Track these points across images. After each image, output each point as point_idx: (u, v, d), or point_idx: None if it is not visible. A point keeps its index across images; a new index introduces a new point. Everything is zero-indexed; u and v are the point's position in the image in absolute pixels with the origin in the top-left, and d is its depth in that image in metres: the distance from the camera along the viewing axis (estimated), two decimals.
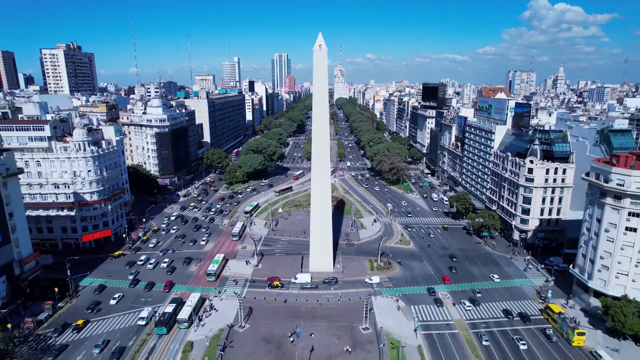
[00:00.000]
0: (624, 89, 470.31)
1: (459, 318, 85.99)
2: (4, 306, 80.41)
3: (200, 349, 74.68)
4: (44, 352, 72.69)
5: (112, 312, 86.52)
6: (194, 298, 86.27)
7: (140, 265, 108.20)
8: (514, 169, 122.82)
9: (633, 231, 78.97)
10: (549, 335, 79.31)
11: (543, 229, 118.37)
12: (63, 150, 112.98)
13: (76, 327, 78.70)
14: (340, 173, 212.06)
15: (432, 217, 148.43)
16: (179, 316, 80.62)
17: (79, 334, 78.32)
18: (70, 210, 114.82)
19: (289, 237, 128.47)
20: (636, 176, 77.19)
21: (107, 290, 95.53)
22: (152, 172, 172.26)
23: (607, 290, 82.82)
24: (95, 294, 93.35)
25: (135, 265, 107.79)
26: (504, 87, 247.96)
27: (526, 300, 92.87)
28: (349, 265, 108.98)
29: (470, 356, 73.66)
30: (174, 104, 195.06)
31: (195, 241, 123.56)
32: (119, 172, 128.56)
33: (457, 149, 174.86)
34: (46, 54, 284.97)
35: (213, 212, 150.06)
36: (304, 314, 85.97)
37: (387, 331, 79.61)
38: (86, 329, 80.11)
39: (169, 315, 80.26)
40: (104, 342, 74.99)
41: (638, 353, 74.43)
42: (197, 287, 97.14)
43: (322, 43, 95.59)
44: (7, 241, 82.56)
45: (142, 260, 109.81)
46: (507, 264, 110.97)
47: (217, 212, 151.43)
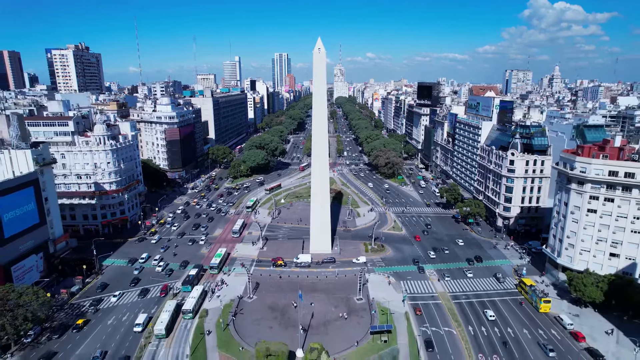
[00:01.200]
0: (619, 87, 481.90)
1: (442, 291, 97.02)
2: (41, 279, 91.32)
3: (215, 315, 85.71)
4: (78, 317, 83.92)
5: (134, 287, 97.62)
6: (197, 291, 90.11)
7: (157, 248, 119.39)
8: (497, 161, 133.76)
9: (593, 212, 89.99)
10: (519, 301, 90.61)
11: (524, 215, 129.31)
12: (85, 143, 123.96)
13: (76, 327, 79.54)
14: (338, 168, 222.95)
15: (423, 208, 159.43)
16: (184, 307, 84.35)
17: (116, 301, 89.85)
18: (91, 199, 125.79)
19: (290, 224, 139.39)
20: (595, 164, 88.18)
21: (127, 269, 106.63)
22: (162, 166, 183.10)
23: (572, 265, 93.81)
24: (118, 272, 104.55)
25: (152, 248, 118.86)
26: (493, 86, 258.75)
27: (505, 277, 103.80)
28: (345, 248, 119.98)
29: (450, 320, 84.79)
30: (182, 102, 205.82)
31: (206, 227, 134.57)
32: (134, 164, 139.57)
33: (448, 144, 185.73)
34: (56, 55, 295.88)
35: (218, 205, 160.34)
36: (305, 287, 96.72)
37: (378, 301, 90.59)
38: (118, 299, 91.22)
39: (192, 276, 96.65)
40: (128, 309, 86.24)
41: (595, 317, 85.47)
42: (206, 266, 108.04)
43: (321, 47, 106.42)
44: (44, 222, 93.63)
45: (159, 244, 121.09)
46: (489, 247, 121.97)
47: (221, 204, 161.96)
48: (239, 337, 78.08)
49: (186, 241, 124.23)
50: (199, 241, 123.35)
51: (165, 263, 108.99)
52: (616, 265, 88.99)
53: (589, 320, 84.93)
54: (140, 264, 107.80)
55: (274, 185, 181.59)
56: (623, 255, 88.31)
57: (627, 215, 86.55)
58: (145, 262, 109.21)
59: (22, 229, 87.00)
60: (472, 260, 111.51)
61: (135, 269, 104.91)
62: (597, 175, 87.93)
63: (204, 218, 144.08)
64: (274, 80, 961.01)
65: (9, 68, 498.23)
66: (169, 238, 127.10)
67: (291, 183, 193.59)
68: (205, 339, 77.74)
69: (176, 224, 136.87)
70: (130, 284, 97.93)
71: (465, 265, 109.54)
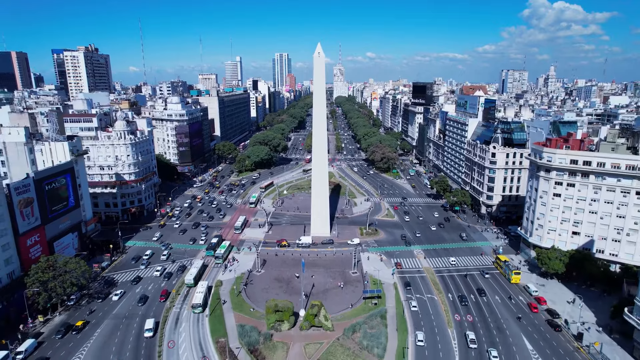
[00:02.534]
0: (613, 87, 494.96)
1: (427, 266, 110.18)
2: (76, 255, 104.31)
3: (228, 285, 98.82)
4: (110, 286, 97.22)
5: (153, 264, 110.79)
6: (203, 287, 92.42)
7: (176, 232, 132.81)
8: (481, 154, 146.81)
9: (558, 196, 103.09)
10: (492, 274, 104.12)
11: (505, 203, 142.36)
12: (107, 138, 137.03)
13: (75, 328, 79.47)
14: (337, 163, 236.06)
15: (415, 198, 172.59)
16: (193, 301, 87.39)
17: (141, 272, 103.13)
18: (112, 188, 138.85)
19: (292, 212, 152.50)
20: (559, 154, 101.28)
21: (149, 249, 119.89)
22: (172, 161, 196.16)
23: (541, 243, 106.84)
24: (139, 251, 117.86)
25: (170, 232, 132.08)
26: (482, 86, 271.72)
27: (484, 256, 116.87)
28: (343, 232, 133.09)
29: (433, 289, 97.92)
30: (190, 101, 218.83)
31: (216, 214, 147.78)
32: (150, 157, 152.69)
33: (440, 140, 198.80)
34: (68, 56, 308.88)
35: (226, 197, 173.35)
36: (307, 263, 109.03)
37: (370, 274, 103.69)
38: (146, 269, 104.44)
39: (214, 244, 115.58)
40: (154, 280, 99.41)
41: (558, 286, 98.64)
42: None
43: (320, 52, 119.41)
44: (78, 205, 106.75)
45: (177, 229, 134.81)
46: (473, 231, 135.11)
47: (227, 197, 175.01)
48: (250, 301, 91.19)
49: (201, 227, 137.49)
50: (212, 226, 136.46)
51: (192, 239, 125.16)
52: (577, 242, 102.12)
53: (552, 289, 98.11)
54: (166, 244, 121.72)
55: (267, 183, 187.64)
56: (583, 234, 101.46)
57: (585, 199, 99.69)
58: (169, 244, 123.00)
59: (62, 211, 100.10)
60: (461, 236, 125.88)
61: (163, 247, 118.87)
62: (561, 164, 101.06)
63: (213, 208, 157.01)
64: (275, 80, 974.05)
65: (16, 68, 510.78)
66: (184, 223, 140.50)
67: (292, 177, 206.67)
68: (220, 303, 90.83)
69: (187, 214, 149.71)
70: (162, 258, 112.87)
71: (451, 246, 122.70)
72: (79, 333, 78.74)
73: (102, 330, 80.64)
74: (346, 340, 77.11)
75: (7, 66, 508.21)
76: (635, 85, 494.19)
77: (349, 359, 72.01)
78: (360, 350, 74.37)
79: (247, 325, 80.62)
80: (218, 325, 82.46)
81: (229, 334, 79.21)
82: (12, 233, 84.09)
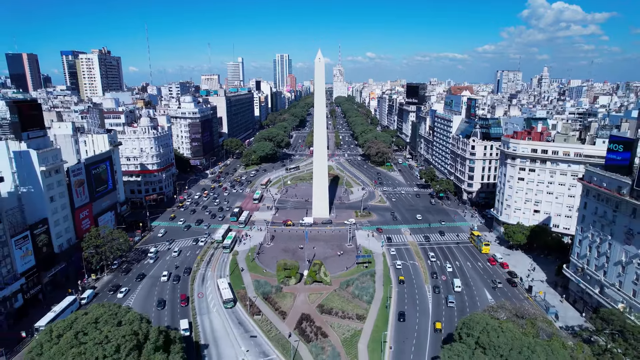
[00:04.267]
0: (605, 87, 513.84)
1: (412, 240, 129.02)
2: None
3: (243, 254, 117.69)
4: (144, 254, 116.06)
5: (178, 238, 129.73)
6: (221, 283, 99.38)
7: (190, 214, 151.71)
8: (463, 147, 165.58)
9: (522, 180, 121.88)
10: (467, 246, 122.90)
11: (483, 190, 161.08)
12: (133, 132, 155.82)
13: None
14: (336, 158, 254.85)
15: (406, 187, 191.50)
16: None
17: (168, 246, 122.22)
18: (137, 177, 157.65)
19: (296, 199, 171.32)
20: (522, 144, 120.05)
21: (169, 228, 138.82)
22: (185, 155, 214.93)
23: (509, 221, 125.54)
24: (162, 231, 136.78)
25: (187, 214, 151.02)
26: (469, 86, 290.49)
27: (462, 233, 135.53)
28: (340, 214, 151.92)
29: (415, 256, 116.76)
30: (201, 101, 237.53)
31: (227, 201, 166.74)
32: (169, 150, 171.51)
33: (429, 136, 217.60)
34: (83, 58, 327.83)
35: (235, 187, 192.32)
36: (309, 238, 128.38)
37: (363, 246, 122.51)
38: (168, 247, 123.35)
39: (236, 212, 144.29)
40: (179, 250, 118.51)
41: (520, 256, 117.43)
42: None
43: (320, 57, 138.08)
44: (114, 188, 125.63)
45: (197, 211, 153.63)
46: (454, 214, 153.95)
47: (238, 186, 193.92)
48: (262, 265, 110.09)
49: (216, 209, 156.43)
50: (225, 208, 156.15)
51: (211, 214, 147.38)
52: (538, 219, 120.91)
53: (516, 257, 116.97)
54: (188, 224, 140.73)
55: (265, 180, 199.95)
56: (542, 211, 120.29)
57: (544, 182, 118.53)
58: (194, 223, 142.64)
59: (103, 192, 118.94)
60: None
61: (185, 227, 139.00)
62: (523, 152, 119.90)
63: (226, 196, 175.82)
64: (275, 80, 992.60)
65: (27, 70, 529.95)
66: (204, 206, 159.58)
67: (295, 170, 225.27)
68: (238, 267, 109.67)
69: (204, 200, 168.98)
70: None
71: (434, 225, 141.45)
72: (125, 293, 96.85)
73: (143, 286, 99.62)
74: (341, 291, 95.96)
75: (19, 67, 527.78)
76: (627, 85, 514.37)
77: (343, 303, 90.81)
78: (353, 298, 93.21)
79: (262, 280, 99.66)
80: (237, 281, 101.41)
81: (247, 287, 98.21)
82: (69, 207, 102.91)
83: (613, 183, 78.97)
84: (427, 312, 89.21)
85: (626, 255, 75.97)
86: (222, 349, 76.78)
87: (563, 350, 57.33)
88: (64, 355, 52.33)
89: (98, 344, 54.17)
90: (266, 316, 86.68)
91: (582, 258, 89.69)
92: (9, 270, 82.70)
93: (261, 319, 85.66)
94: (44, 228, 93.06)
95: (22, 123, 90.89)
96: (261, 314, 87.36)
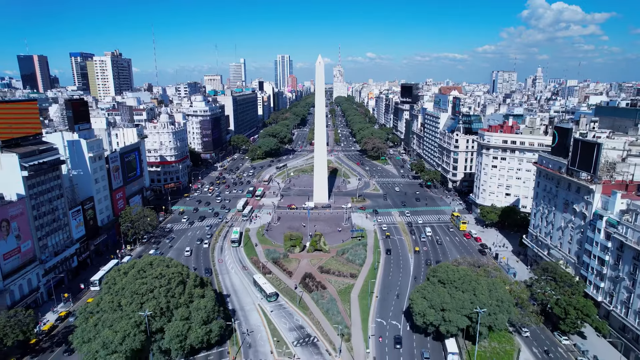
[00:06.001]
0: (598, 87, 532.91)
1: (400, 221, 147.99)
2: None
3: (254, 231, 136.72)
4: (168, 232, 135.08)
5: (197, 219, 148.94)
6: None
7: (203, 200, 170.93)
8: (448, 141, 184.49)
9: (495, 167, 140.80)
10: (448, 225, 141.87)
11: (466, 179, 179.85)
12: (153, 127, 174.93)
13: None
14: (335, 153, 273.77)
15: (398, 178, 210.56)
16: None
17: (191, 225, 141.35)
18: (157, 167, 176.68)
19: (298, 187, 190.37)
20: (495, 136, 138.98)
21: (187, 211, 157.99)
22: (196, 150, 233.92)
23: (484, 203, 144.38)
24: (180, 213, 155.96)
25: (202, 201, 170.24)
26: (458, 86, 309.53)
27: (445, 215, 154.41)
28: (338, 200, 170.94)
29: (402, 233, 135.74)
30: (210, 100, 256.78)
31: (236, 189, 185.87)
32: (185, 144, 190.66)
33: (421, 132, 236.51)
34: (96, 60, 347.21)
35: (242, 178, 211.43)
36: (311, 219, 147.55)
37: (357, 225, 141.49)
38: (190, 225, 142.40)
39: (251, 191, 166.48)
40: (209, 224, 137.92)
41: (493, 232, 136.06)
42: None
43: (321, 61, 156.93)
44: (142, 175, 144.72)
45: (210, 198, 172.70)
46: (439, 200, 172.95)
47: (246, 177, 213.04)
48: (271, 239, 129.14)
49: (228, 196, 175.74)
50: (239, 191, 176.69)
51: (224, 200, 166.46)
52: (509, 201, 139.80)
53: (489, 233, 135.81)
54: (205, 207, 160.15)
55: (266, 178, 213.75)
56: (512, 194, 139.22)
57: (513, 168, 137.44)
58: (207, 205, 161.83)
59: (133, 178, 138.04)
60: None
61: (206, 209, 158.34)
62: (496, 143, 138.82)
63: (239, 185, 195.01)
64: (277, 81, 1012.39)
65: (38, 70, 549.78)
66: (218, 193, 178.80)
67: (297, 163, 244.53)
68: (250, 240, 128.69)
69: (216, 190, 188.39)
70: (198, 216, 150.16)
71: (421, 209, 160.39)
72: None
73: (171, 254, 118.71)
74: (338, 257, 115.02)
75: (29, 68, 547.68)
76: (619, 85, 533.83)
77: (339, 266, 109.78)
78: (347, 262, 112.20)
79: (271, 249, 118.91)
80: (250, 250, 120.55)
81: (258, 255, 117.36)
82: (109, 189, 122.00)
83: (555, 164, 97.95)
84: (408, 272, 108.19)
85: (564, 221, 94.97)
86: (241, 297, 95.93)
87: (502, 284, 76.37)
88: (132, 283, 71.46)
89: (155, 278, 73.23)
90: (276, 275, 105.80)
91: (536, 228, 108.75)
92: (68, 236, 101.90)
93: (272, 277, 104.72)
94: (90, 204, 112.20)
95: (74, 117, 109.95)
96: (272, 273, 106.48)
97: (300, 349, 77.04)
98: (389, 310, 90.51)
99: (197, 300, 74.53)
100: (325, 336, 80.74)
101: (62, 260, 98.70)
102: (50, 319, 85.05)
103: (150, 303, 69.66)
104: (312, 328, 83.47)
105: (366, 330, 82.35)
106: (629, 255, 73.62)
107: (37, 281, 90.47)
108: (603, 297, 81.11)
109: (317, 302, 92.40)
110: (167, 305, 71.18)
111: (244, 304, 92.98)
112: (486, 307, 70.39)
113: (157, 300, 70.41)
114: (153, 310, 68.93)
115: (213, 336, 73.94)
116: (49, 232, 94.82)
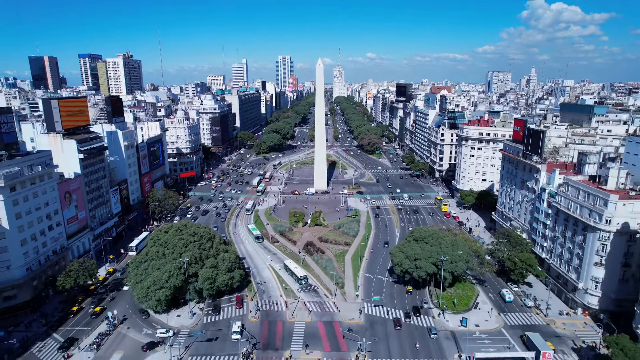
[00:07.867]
0: (591, 87, 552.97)
1: (390, 204, 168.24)
2: None
3: (263, 211, 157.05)
4: (186, 212, 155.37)
5: (210, 204, 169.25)
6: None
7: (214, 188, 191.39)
8: (435, 135, 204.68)
9: (472, 157, 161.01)
10: (432, 207, 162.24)
11: (451, 169, 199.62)
12: (171, 122, 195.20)
13: (94, 313, 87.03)
14: (334, 148, 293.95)
15: (391, 169, 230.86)
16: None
17: (204, 207, 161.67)
18: (174, 158, 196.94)
19: (300, 177, 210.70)
20: (472, 129, 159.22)
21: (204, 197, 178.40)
22: (206, 144, 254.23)
23: (464, 188, 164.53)
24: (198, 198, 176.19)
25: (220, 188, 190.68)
26: (448, 86, 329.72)
27: (430, 199, 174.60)
28: (336, 187, 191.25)
29: (391, 212, 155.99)
30: (218, 98, 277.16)
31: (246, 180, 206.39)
32: (198, 137, 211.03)
33: (413, 128, 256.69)
34: (109, 61, 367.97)
35: (249, 170, 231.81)
36: (312, 203, 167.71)
37: (352, 207, 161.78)
38: (204, 207, 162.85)
39: (259, 179, 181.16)
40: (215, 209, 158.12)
41: (471, 213, 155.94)
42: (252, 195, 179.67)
43: (320, 64, 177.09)
44: (164, 164, 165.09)
45: None
46: (427, 187, 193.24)
47: (252, 170, 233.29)
48: (277, 217, 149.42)
49: (239, 184, 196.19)
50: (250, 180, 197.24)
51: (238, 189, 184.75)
52: (485, 186, 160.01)
53: (467, 214, 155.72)
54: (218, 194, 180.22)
55: (267, 174, 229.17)
56: (487, 180, 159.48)
57: (488, 157, 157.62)
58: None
59: (156, 165, 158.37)
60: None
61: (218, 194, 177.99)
62: (473, 135, 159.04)
63: (247, 175, 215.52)
64: (278, 81, 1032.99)
65: (48, 71, 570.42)
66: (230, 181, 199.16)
67: (299, 157, 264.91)
68: (260, 218, 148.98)
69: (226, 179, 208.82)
70: (209, 203, 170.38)
71: (410, 194, 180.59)
72: None
73: None
74: (335, 230, 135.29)
75: (39, 69, 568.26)
76: (612, 86, 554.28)
77: (336, 237, 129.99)
78: (343, 234, 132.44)
79: (278, 224, 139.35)
80: (260, 226, 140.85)
81: (267, 229, 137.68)
82: (138, 173, 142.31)
83: (515, 149, 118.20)
84: (394, 242, 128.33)
85: (521, 196, 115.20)
86: (254, 260, 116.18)
87: (463, 241, 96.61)
88: (173, 238, 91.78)
89: (190, 235, 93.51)
90: (282, 243, 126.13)
91: (502, 205, 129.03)
92: (109, 210, 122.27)
93: (279, 245, 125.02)
94: (125, 186, 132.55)
95: (112, 111, 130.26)
96: (279, 242, 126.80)
97: (303, 294, 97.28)
98: (376, 268, 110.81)
99: (222, 254, 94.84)
100: (324, 285, 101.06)
101: (106, 230, 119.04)
102: (101, 273, 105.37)
103: (187, 253, 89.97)
104: (313, 279, 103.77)
105: (356, 281, 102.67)
106: (562, 217, 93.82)
107: (89, 244, 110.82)
108: (546, 254, 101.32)
109: (317, 262, 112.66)
110: (199, 256, 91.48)
111: (257, 264, 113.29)
112: (448, 256, 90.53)
113: (191, 252, 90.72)
114: (189, 258, 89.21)
115: (235, 282, 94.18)
116: (97, 205, 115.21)
